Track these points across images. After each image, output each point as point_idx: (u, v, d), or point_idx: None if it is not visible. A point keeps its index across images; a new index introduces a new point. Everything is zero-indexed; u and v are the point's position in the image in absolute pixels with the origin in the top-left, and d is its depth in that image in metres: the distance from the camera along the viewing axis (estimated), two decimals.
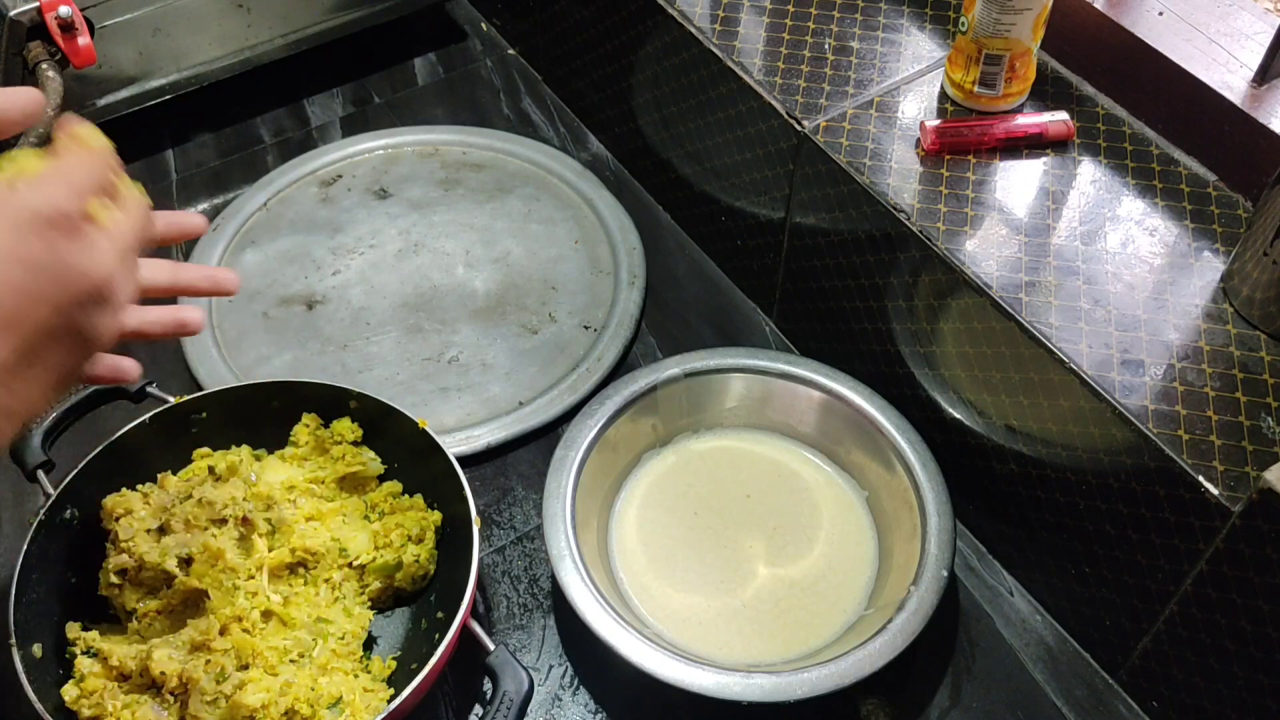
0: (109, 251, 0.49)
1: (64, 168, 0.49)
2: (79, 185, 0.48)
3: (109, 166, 0.52)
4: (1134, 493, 0.70)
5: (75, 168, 0.49)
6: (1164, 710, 0.76)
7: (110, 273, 0.49)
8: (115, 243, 0.50)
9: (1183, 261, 0.76)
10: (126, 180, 0.54)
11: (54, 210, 0.46)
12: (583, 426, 0.85)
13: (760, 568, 0.83)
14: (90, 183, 0.49)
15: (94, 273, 0.48)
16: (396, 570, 0.80)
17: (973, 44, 0.82)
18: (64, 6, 0.95)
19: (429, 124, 1.18)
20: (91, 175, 0.50)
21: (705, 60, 0.92)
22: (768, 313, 1.01)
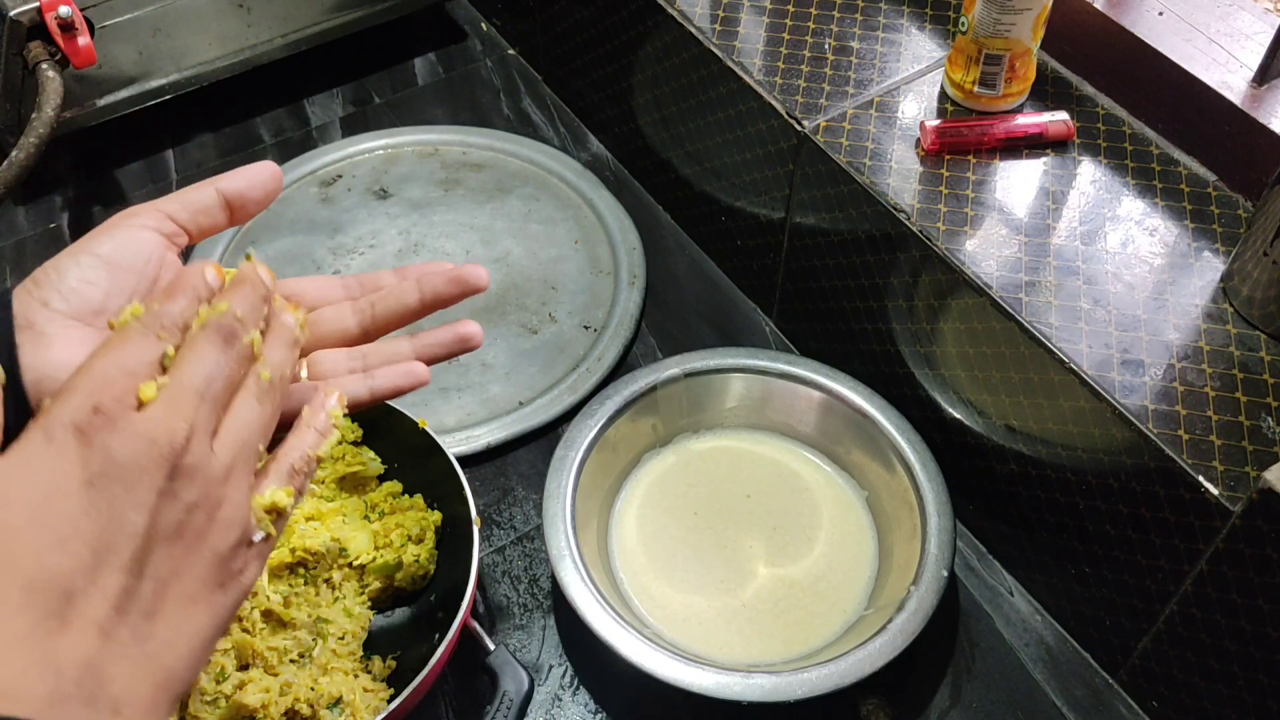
0: (166, 418, 0.40)
1: (89, 362, 0.40)
2: (105, 375, 0.39)
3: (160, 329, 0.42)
4: (1134, 493, 0.70)
5: (102, 356, 0.40)
6: (1164, 710, 0.76)
7: (174, 439, 0.39)
8: (174, 402, 0.40)
9: (1183, 261, 0.76)
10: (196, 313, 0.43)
11: (80, 411, 0.38)
12: (583, 426, 0.85)
13: (760, 568, 0.83)
14: (122, 366, 0.40)
15: (157, 451, 0.39)
16: (396, 570, 0.80)
17: (973, 44, 0.82)
18: (64, 6, 0.95)
19: (429, 124, 1.18)
20: (123, 357, 0.40)
21: (705, 60, 0.92)
22: (768, 313, 1.01)
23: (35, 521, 0.37)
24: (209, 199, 0.51)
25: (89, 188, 1.13)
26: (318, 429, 0.47)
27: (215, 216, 0.52)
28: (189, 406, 0.40)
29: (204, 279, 0.44)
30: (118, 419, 0.39)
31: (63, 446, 0.38)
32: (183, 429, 0.40)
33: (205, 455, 0.40)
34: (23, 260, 1.05)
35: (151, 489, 0.39)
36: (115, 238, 0.49)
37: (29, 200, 1.11)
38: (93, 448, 0.38)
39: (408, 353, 0.56)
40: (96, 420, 0.38)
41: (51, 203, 1.11)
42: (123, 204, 1.11)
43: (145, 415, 0.39)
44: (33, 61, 0.97)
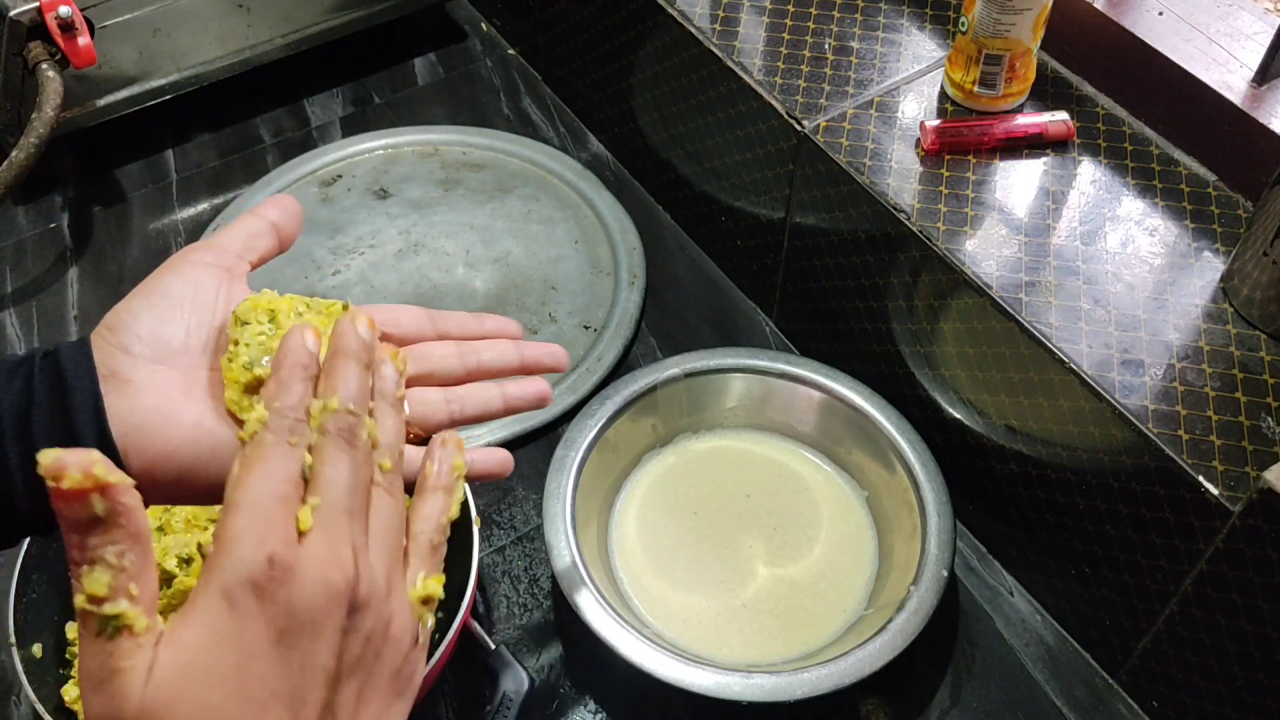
0: (330, 550, 0.39)
1: (240, 496, 0.39)
2: (265, 514, 0.38)
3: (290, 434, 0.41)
4: (1134, 493, 0.70)
5: (253, 488, 0.39)
6: (1164, 710, 0.76)
7: (345, 575, 0.39)
8: (331, 531, 0.39)
9: (1183, 261, 0.76)
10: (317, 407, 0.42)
11: (257, 571, 0.37)
12: (583, 426, 0.85)
13: (760, 568, 0.83)
14: (277, 495, 0.39)
15: (333, 591, 0.38)
16: None
17: (973, 44, 0.82)
18: (64, 6, 0.95)
19: (429, 124, 1.18)
20: (274, 484, 0.39)
21: (705, 60, 0.92)
22: (768, 313, 1.01)
23: (235, 695, 0.37)
24: (259, 225, 0.52)
25: (89, 188, 1.13)
26: (444, 489, 0.46)
27: (268, 241, 0.52)
28: (345, 530, 0.40)
29: (307, 352, 0.43)
30: (293, 566, 0.38)
31: (246, 610, 0.37)
32: (349, 559, 0.39)
33: (372, 578, 0.40)
34: (23, 260, 1.05)
35: (336, 630, 0.39)
36: (182, 276, 0.49)
37: (29, 200, 1.11)
38: (277, 604, 0.38)
39: (498, 402, 0.57)
40: (274, 574, 0.37)
41: (51, 203, 1.11)
42: (123, 204, 1.11)
43: (312, 555, 0.38)
44: (33, 61, 0.97)
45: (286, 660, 0.38)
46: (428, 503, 0.46)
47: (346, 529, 0.40)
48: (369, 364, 0.44)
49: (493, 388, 0.56)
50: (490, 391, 0.56)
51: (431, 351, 0.56)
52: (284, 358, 0.42)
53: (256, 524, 0.38)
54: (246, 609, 0.37)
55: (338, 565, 0.39)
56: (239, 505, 0.39)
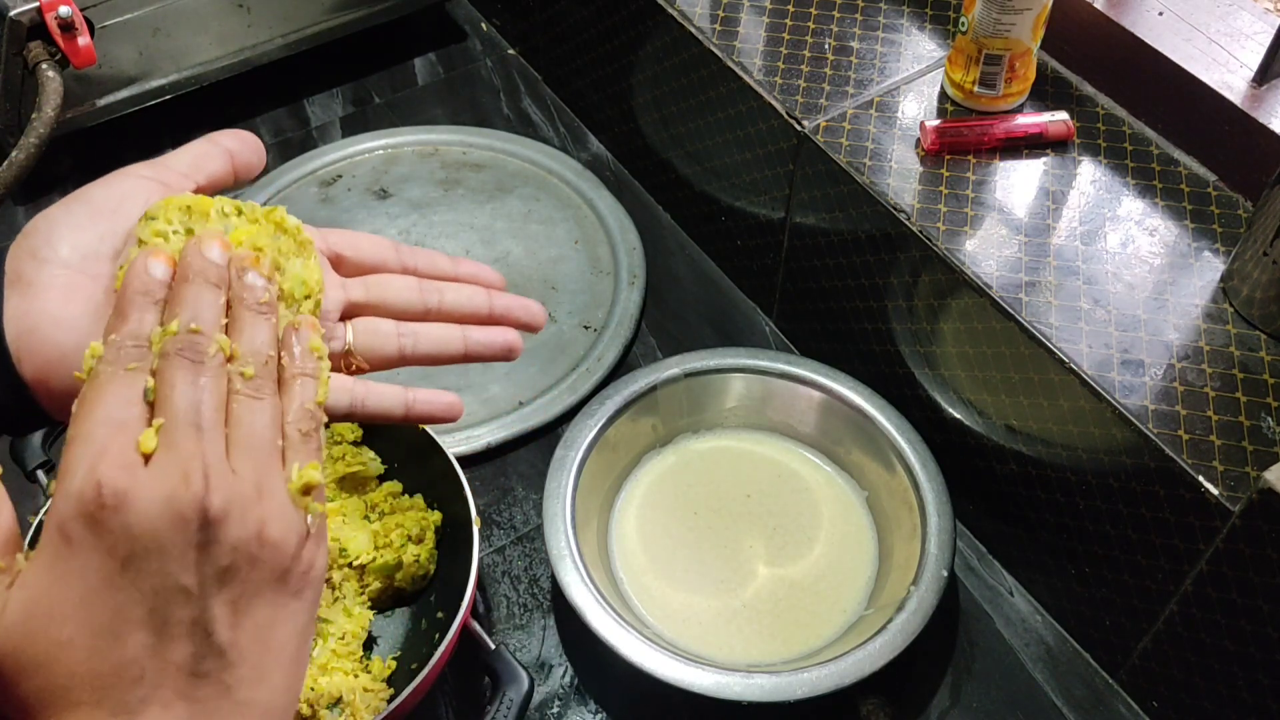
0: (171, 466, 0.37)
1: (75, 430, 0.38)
2: (98, 442, 0.37)
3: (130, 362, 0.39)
4: (1134, 493, 0.70)
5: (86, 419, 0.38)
6: (1164, 710, 0.76)
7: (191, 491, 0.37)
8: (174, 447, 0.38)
9: (1183, 261, 0.76)
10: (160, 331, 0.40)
11: (87, 500, 0.36)
12: (583, 426, 0.84)
13: (760, 568, 0.83)
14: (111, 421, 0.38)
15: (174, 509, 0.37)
16: (396, 570, 0.80)
17: (973, 44, 0.82)
18: (64, 6, 0.95)
19: (429, 124, 1.18)
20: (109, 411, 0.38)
21: (705, 60, 0.92)
22: (768, 313, 1.01)
23: (84, 627, 0.36)
24: (210, 148, 0.49)
25: None
26: (305, 374, 0.43)
27: (219, 164, 0.49)
28: (193, 445, 0.38)
29: (151, 279, 0.41)
30: (125, 491, 0.36)
31: (82, 542, 0.36)
32: (196, 473, 0.37)
33: (229, 484, 0.38)
34: None
35: (188, 545, 0.37)
36: (111, 185, 0.47)
37: (29, 200, 1.11)
38: (113, 531, 0.36)
39: (458, 344, 0.53)
40: (104, 501, 0.36)
41: (51, 202, 1.11)
42: None
43: (151, 474, 0.37)
44: (33, 61, 0.97)
45: (135, 585, 0.36)
46: (289, 393, 0.43)
47: (194, 444, 0.38)
48: (221, 280, 0.42)
49: (454, 329, 0.53)
50: (450, 331, 0.53)
51: (389, 282, 0.53)
52: (125, 286, 0.41)
53: (88, 453, 0.37)
54: (82, 541, 0.36)
55: (182, 481, 0.37)
56: (72, 439, 0.38)
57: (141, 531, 0.36)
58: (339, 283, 0.52)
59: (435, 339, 0.53)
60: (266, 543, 0.39)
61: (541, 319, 0.56)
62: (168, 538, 0.37)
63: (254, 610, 0.39)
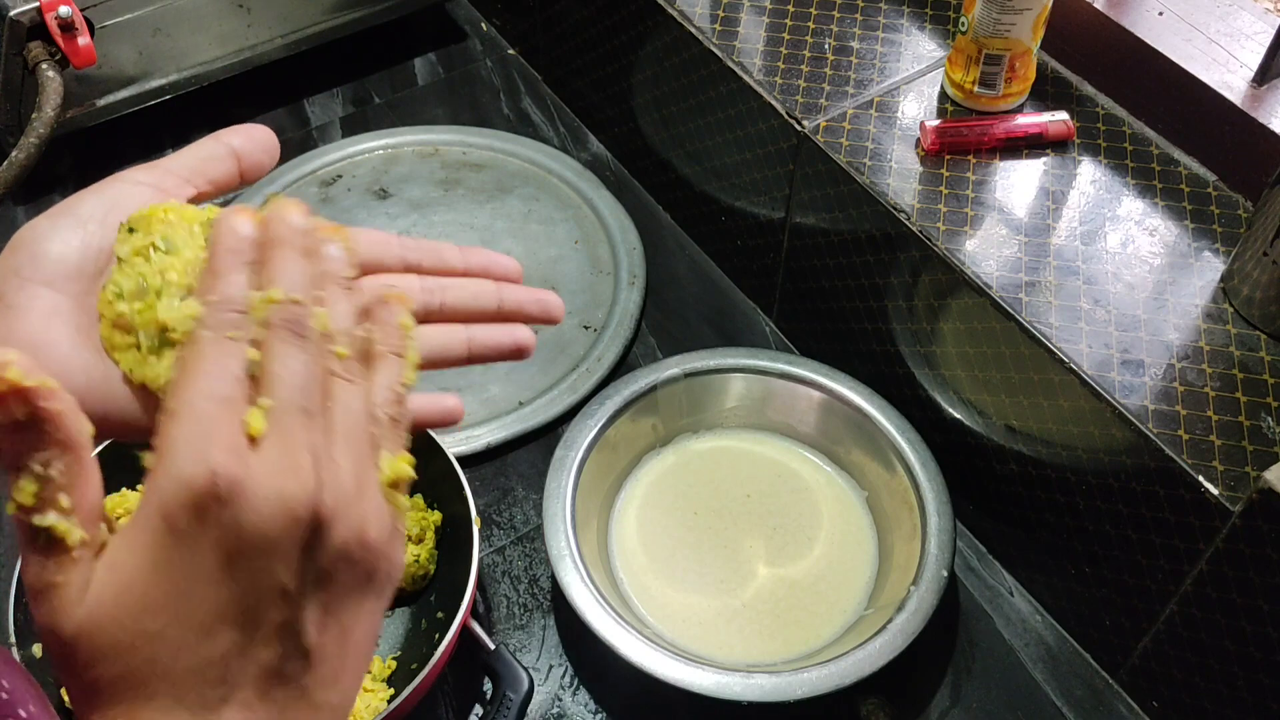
0: (284, 460, 0.35)
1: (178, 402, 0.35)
2: (206, 421, 0.35)
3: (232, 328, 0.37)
4: (1134, 493, 0.70)
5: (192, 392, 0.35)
6: (1164, 710, 0.76)
7: (304, 488, 0.35)
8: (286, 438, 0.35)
9: (1183, 261, 0.76)
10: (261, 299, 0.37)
11: (196, 490, 0.34)
12: (583, 426, 0.84)
13: (760, 568, 0.83)
14: (219, 397, 0.35)
15: (288, 509, 0.34)
16: None
17: (973, 44, 0.82)
18: (64, 6, 0.95)
19: (429, 124, 1.18)
20: (215, 385, 0.35)
21: (705, 60, 0.92)
22: (768, 313, 1.01)
23: (175, 621, 0.34)
24: (215, 149, 0.46)
25: None
26: (394, 352, 0.41)
27: (224, 166, 0.46)
28: (303, 432, 0.35)
29: (241, 237, 0.39)
30: (240, 480, 0.34)
31: (187, 534, 0.34)
32: (307, 467, 0.35)
33: (338, 483, 0.36)
34: None
35: (295, 547, 0.35)
36: (102, 194, 0.43)
37: (29, 200, 1.11)
38: (223, 525, 0.34)
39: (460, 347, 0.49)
40: (217, 492, 0.33)
41: (51, 203, 1.10)
42: None
43: (265, 465, 0.34)
44: (33, 61, 0.97)
45: (237, 582, 0.34)
46: (379, 373, 0.40)
47: (304, 431, 0.36)
48: (309, 250, 0.39)
49: (457, 330, 0.50)
50: (452, 333, 0.49)
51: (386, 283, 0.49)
52: (216, 243, 0.38)
53: (196, 433, 0.34)
54: (188, 532, 0.34)
55: (295, 475, 0.35)
56: (176, 413, 0.35)
57: (254, 527, 0.34)
58: None
59: (437, 343, 0.49)
60: (367, 545, 0.37)
61: (558, 311, 0.51)
62: (279, 537, 0.34)
63: (342, 612, 0.37)
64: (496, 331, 0.50)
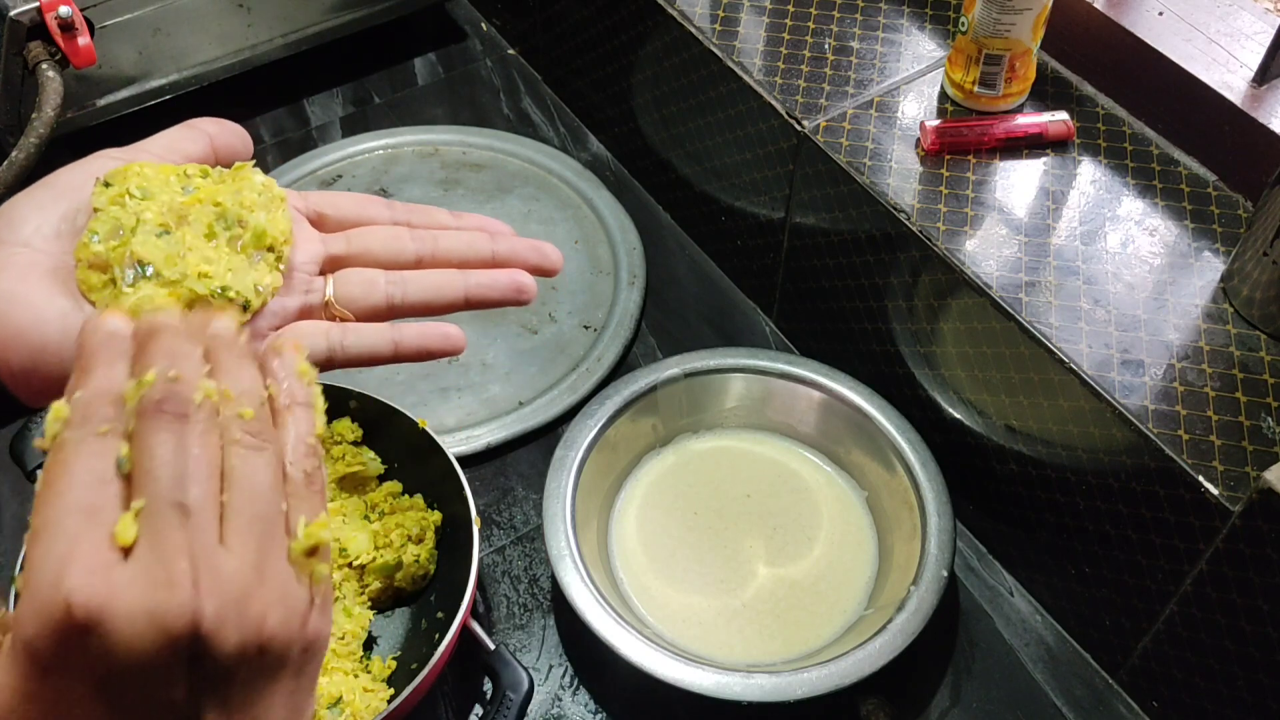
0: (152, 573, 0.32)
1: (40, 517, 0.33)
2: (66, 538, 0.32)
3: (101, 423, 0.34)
4: (1134, 493, 0.70)
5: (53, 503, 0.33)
6: (1164, 710, 0.76)
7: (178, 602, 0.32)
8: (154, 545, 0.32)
9: (1183, 261, 0.76)
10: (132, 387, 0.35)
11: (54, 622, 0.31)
12: (583, 426, 0.84)
13: (760, 568, 0.83)
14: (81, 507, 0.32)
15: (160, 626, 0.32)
16: (396, 570, 0.80)
17: (973, 44, 0.82)
18: (64, 6, 0.95)
19: (429, 124, 1.18)
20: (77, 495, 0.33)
21: (705, 60, 0.92)
22: (768, 313, 1.01)
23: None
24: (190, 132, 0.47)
25: None
26: (300, 405, 0.38)
27: (198, 147, 0.46)
28: (178, 532, 0.32)
29: (109, 331, 0.36)
30: (101, 607, 0.31)
31: (51, 665, 0.31)
32: (184, 575, 0.32)
33: (222, 584, 0.32)
34: None
35: (176, 660, 0.32)
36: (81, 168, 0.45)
37: None
38: (88, 653, 0.31)
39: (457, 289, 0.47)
40: (77, 620, 0.31)
41: None
42: None
43: (131, 583, 0.31)
44: (33, 61, 0.97)
45: (115, 707, 0.32)
46: (287, 429, 0.37)
47: (179, 532, 0.32)
48: (192, 329, 0.36)
49: (453, 273, 0.48)
50: (448, 276, 0.48)
51: (374, 232, 0.48)
52: (83, 343, 0.35)
53: (54, 555, 0.31)
54: (51, 663, 0.31)
55: (166, 587, 0.31)
56: (36, 531, 0.32)
57: (123, 652, 0.31)
58: (317, 237, 0.48)
59: (430, 285, 0.48)
60: (267, 639, 0.33)
61: (557, 260, 0.49)
62: (152, 658, 0.31)
63: (251, 706, 0.34)
64: (495, 275, 0.48)
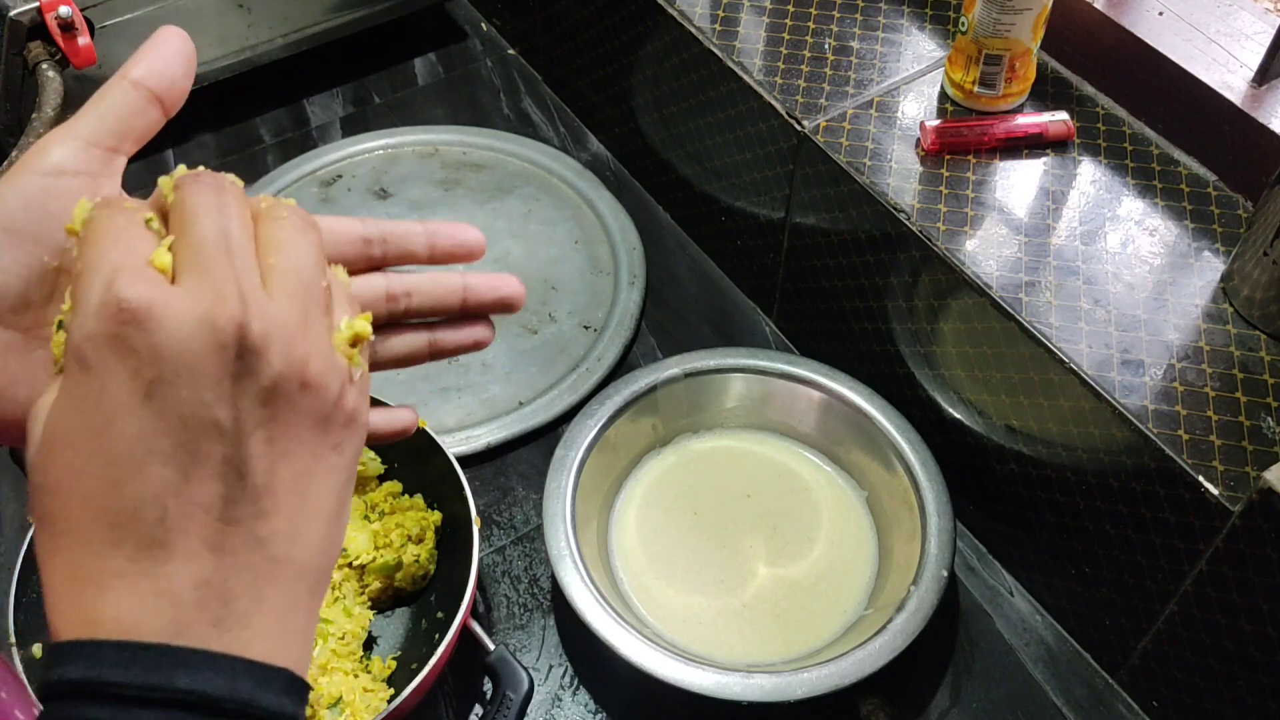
0: (206, 285, 0.33)
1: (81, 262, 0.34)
2: (108, 264, 0.33)
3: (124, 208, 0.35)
4: (1134, 493, 0.70)
5: (90, 247, 0.34)
6: (1164, 710, 0.76)
7: (229, 311, 0.33)
8: (207, 265, 0.33)
9: (1183, 261, 0.76)
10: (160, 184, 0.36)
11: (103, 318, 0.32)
12: (583, 426, 0.84)
13: (760, 568, 0.83)
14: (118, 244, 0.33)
15: (211, 329, 0.32)
16: (396, 570, 0.80)
17: (973, 44, 0.82)
18: (64, 6, 0.95)
19: (429, 124, 1.18)
20: (111, 237, 0.33)
21: (705, 60, 0.92)
22: (768, 313, 1.01)
23: (99, 457, 0.32)
24: (135, 99, 0.42)
25: None
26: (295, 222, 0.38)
27: (147, 115, 0.42)
28: (225, 265, 0.33)
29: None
30: (150, 305, 0.32)
31: (101, 366, 0.32)
32: (232, 295, 0.33)
33: (268, 311, 0.33)
34: None
35: (223, 373, 0.32)
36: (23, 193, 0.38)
37: None
38: (138, 352, 0.32)
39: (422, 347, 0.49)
40: (126, 317, 0.31)
41: None
42: None
43: (179, 290, 0.32)
44: (33, 61, 0.97)
45: (160, 414, 0.32)
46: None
47: (227, 263, 0.33)
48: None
49: (420, 336, 0.49)
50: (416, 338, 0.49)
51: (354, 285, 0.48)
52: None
53: (98, 275, 0.32)
54: (101, 364, 0.32)
55: (217, 301, 0.32)
56: (80, 272, 0.33)
57: (171, 352, 0.32)
58: None
59: (400, 348, 0.49)
60: (309, 382, 0.34)
61: (517, 295, 0.50)
62: (201, 361, 0.32)
63: (292, 455, 0.34)
64: (457, 334, 0.49)
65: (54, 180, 0.38)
